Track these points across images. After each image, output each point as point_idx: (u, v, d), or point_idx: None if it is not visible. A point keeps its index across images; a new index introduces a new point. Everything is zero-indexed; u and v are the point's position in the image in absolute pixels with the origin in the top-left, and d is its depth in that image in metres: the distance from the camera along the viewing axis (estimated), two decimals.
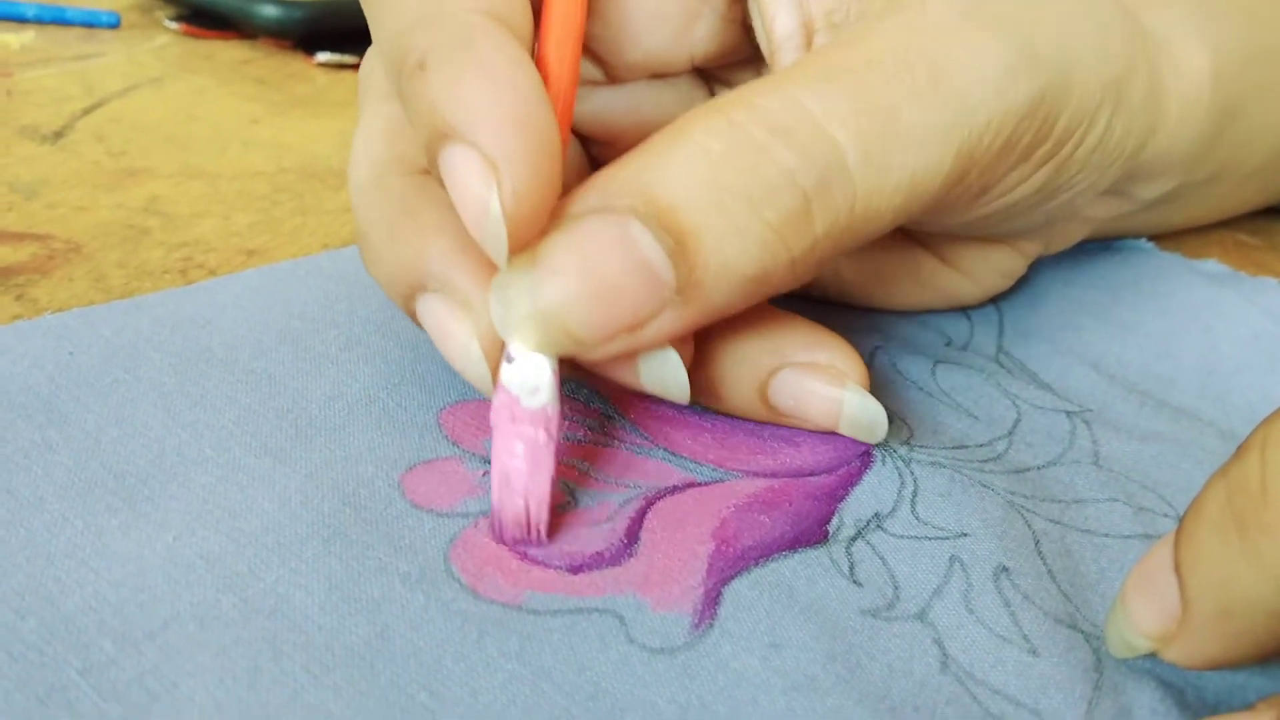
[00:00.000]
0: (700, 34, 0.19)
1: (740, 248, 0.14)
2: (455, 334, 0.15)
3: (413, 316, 0.16)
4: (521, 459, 0.15)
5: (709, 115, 0.14)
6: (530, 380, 0.14)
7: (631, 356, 0.15)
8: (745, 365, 0.17)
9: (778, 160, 0.14)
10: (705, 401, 0.18)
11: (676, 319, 0.14)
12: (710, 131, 0.14)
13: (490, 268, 0.15)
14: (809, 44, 0.17)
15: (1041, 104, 0.16)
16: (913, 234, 0.22)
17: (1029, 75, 0.16)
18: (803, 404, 0.17)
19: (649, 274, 0.14)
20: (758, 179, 0.14)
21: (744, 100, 0.15)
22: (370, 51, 0.19)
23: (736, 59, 0.20)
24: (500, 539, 0.15)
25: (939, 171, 0.15)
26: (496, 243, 0.14)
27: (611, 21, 0.18)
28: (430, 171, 0.16)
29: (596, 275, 0.14)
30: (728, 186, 0.14)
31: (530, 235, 0.14)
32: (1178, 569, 0.12)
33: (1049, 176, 0.18)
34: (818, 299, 0.23)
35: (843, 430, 0.17)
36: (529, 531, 0.15)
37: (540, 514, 0.15)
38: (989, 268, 0.22)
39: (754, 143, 0.14)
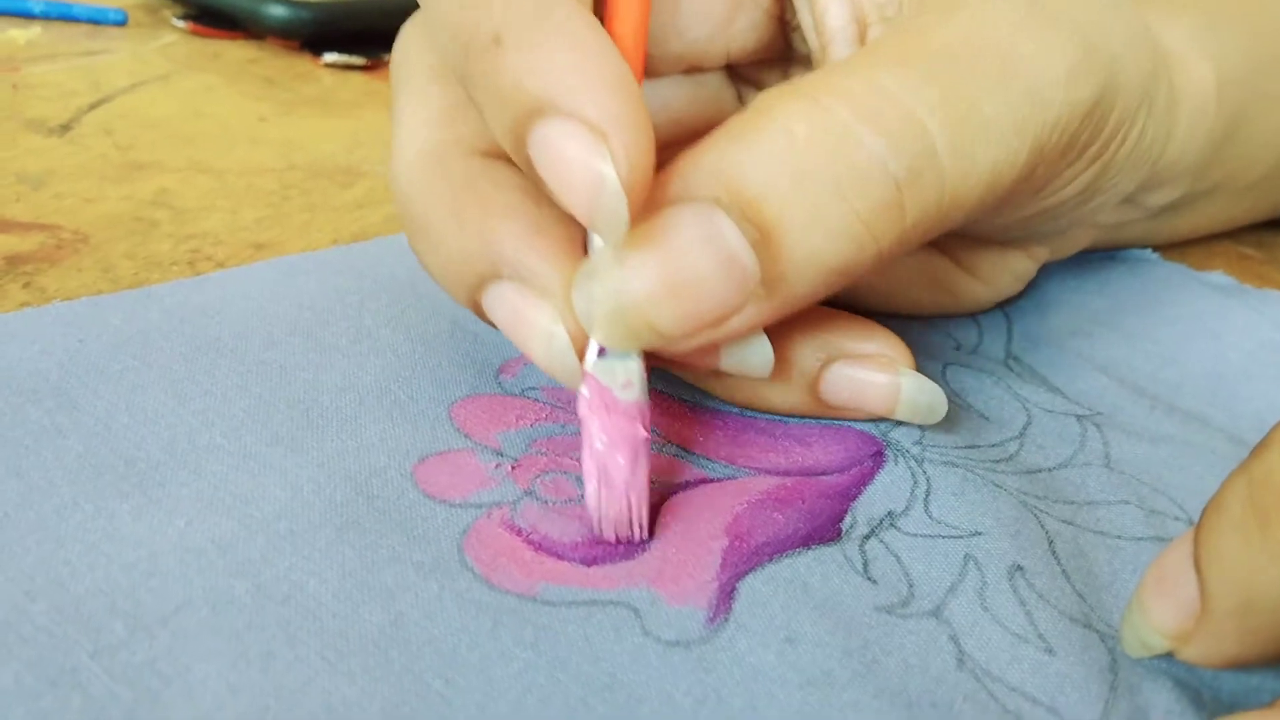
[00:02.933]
0: (740, 28, 0.19)
1: (826, 239, 0.14)
2: (535, 323, 0.15)
3: (476, 309, 0.16)
4: (623, 455, 0.14)
5: (792, 97, 0.14)
6: (622, 374, 0.14)
7: (712, 358, 0.15)
8: (794, 363, 0.17)
9: (867, 145, 0.13)
10: (751, 404, 0.18)
11: (760, 311, 0.14)
12: (794, 114, 0.14)
13: (567, 254, 0.14)
14: (862, 38, 0.17)
15: (1100, 102, 0.16)
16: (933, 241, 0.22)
17: (1092, 72, 0.16)
18: (859, 394, 0.17)
19: (734, 267, 0.13)
20: (846, 166, 0.13)
21: (827, 81, 0.14)
22: (406, 34, 0.18)
23: (770, 57, 0.20)
24: (600, 537, 0.15)
25: (1016, 164, 0.15)
26: (614, 218, 0.13)
27: (656, 11, 0.18)
28: (509, 154, 0.14)
29: (682, 269, 0.13)
30: (814, 174, 0.13)
31: (638, 210, 0.13)
32: (1197, 565, 0.12)
33: (1095, 176, 0.18)
34: (825, 302, 0.23)
35: (901, 415, 0.17)
36: (632, 528, 0.15)
37: (642, 510, 0.15)
38: (1002, 271, 0.22)
39: (842, 125, 0.13)
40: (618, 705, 0.12)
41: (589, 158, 0.12)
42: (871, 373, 0.17)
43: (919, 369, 0.21)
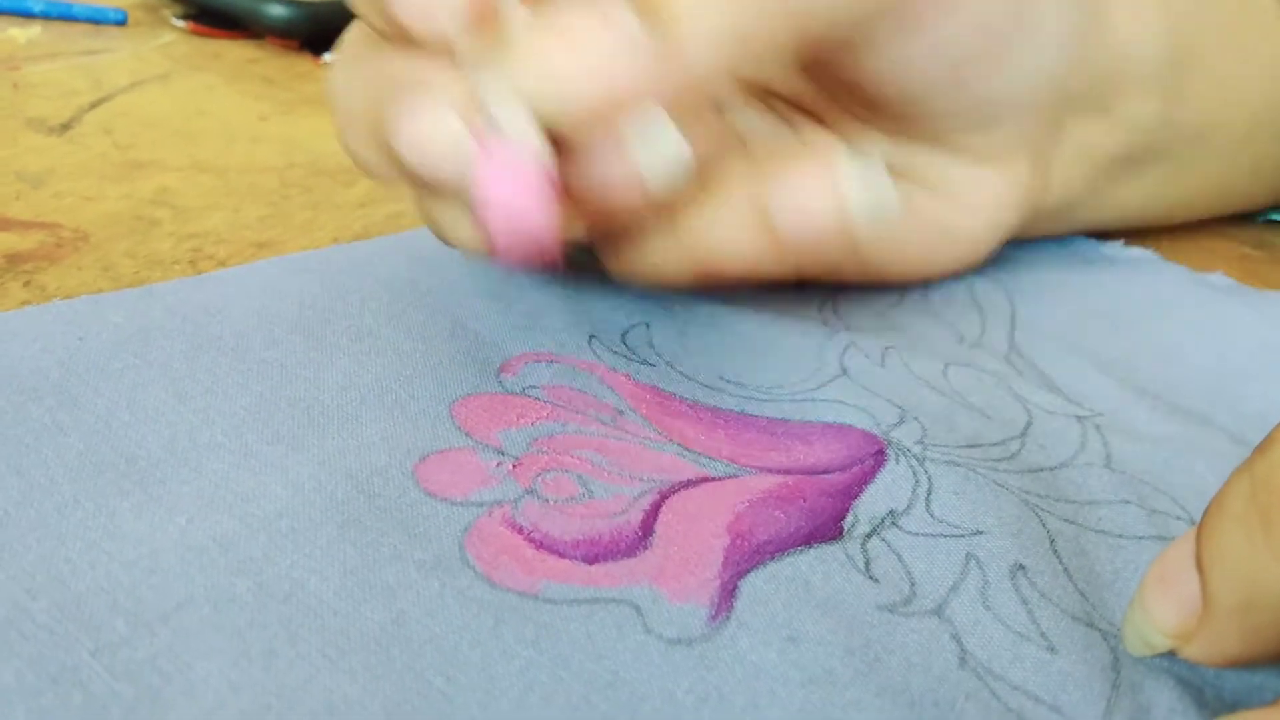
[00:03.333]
0: None
1: (712, 9, 0.14)
2: (431, 118, 0.15)
3: (388, 162, 0.16)
4: (508, 168, 0.14)
5: None
6: (514, 121, 0.14)
7: (625, 157, 0.15)
8: (740, 198, 0.17)
9: None
10: (711, 263, 0.18)
11: (654, 72, 0.14)
12: None
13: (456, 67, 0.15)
14: None
15: None
16: (893, 164, 0.22)
17: None
18: (807, 206, 0.16)
19: (622, 28, 0.14)
20: None
21: None
22: None
23: None
24: (505, 254, 0.15)
25: None
26: (453, 26, 0.14)
27: None
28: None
29: (573, 39, 0.14)
30: None
31: (484, 15, 0.14)
32: (1199, 564, 0.12)
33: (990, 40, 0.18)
34: (834, 285, 0.23)
35: (855, 218, 0.16)
36: (533, 240, 0.15)
37: (538, 216, 0.15)
38: (980, 191, 0.22)
39: None
40: (620, 703, 0.12)
41: None
42: (811, 178, 0.16)
43: (921, 367, 0.21)
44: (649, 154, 0.15)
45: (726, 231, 0.17)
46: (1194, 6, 0.24)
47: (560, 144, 0.15)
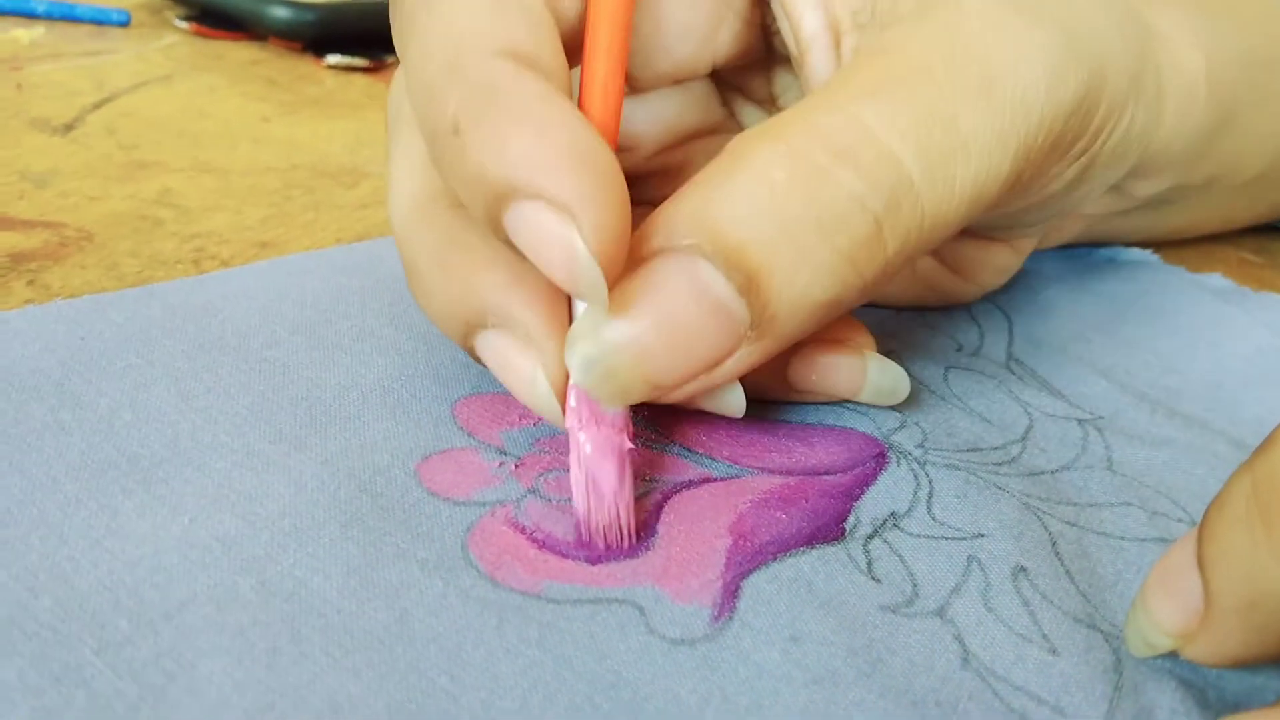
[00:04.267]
0: (723, 39, 0.19)
1: (812, 278, 0.14)
2: (520, 368, 0.15)
3: (471, 353, 0.16)
4: (610, 464, 0.14)
5: (768, 141, 0.14)
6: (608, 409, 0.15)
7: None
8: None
9: (844, 185, 0.14)
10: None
11: (751, 354, 0.14)
12: (772, 160, 0.14)
13: (549, 297, 0.15)
14: (837, 44, 0.17)
15: (1086, 97, 0.16)
16: None
17: (1074, 70, 0.16)
18: (825, 378, 0.17)
19: (723, 315, 0.14)
20: (826, 206, 0.14)
21: (801, 121, 0.14)
22: (398, 81, 0.18)
23: (752, 61, 0.20)
24: (588, 545, 0.15)
25: (999, 176, 0.15)
26: (592, 288, 0.13)
27: (643, 34, 0.18)
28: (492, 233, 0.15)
29: (671, 321, 0.13)
30: (795, 217, 0.14)
31: (618, 272, 0.13)
32: (1201, 564, 0.12)
33: (1082, 169, 0.18)
34: None
35: (865, 398, 0.18)
36: (621, 535, 0.15)
37: (629, 518, 0.15)
38: (986, 266, 0.22)
39: (818, 168, 0.14)
40: (623, 703, 0.12)
41: (560, 232, 0.13)
42: (837, 357, 0.17)
43: (921, 371, 0.21)
44: (712, 404, 0.16)
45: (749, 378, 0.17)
46: (1238, 68, 0.23)
47: None
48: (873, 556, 0.15)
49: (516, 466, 0.16)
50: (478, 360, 0.16)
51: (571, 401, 0.15)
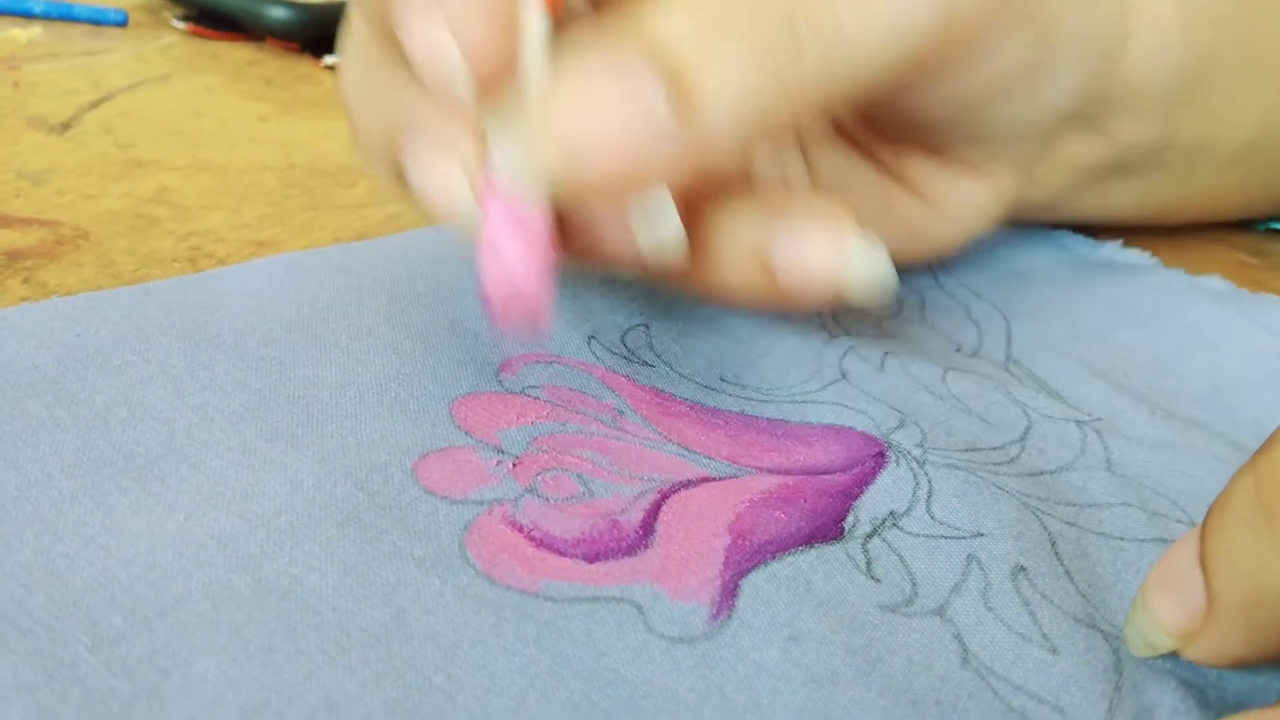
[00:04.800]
0: None
1: (738, 83, 0.14)
2: (440, 172, 0.15)
3: (400, 178, 0.17)
4: (516, 236, 0.15)
5: None
6: (520, 185, 0.15)
7: (625, 226, 0.16)
8: (743, 236, 0.17)
9: None
10: (705, 287, 0.18)
11: (673, 146, 0.14)
12: None
13: (465, 113, 0.16)
14: None
15: None
16: (882, 163, 0.22)
17: None
18: (805, 261, 0.17)
19: (648, 108, 0.14)
20: (752, 16, 0.14)
21: None
22: None
23: None
24: (497, 318, 0.15)
25: (926, 10, 0.16)
26: (462, 87, 0.14)
27: None
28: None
29: (597, 111, 0.14)
30: (723, 25, 0.14)
31: (495, 76, 0.14)
32: (1203, 563, 0.12)
33: (1033, 44, 0.18)
34: None
35: (850, 288, 0.17)
36: (529, 316, 0.15)
37: (538, 296, 0.15)
38: (961, 201, 0.22)
39: None
40: (621, 701, 0.12)
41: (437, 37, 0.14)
42: (818, 238, 0.17)
43: (919, 372, 0.21)
44: (648, 233, 0.16)
45: (732, 274, 0.17)
46: (1214, 24, 0.24)
47: (561, 206, 0.15)
48: (872, 556, 0.15)
49: (514, 465, 0.16)
50: (407, 191, 0.17)
51: (484, 181, 0.15)
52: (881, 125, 0.22)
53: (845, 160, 0.23)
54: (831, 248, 0.17)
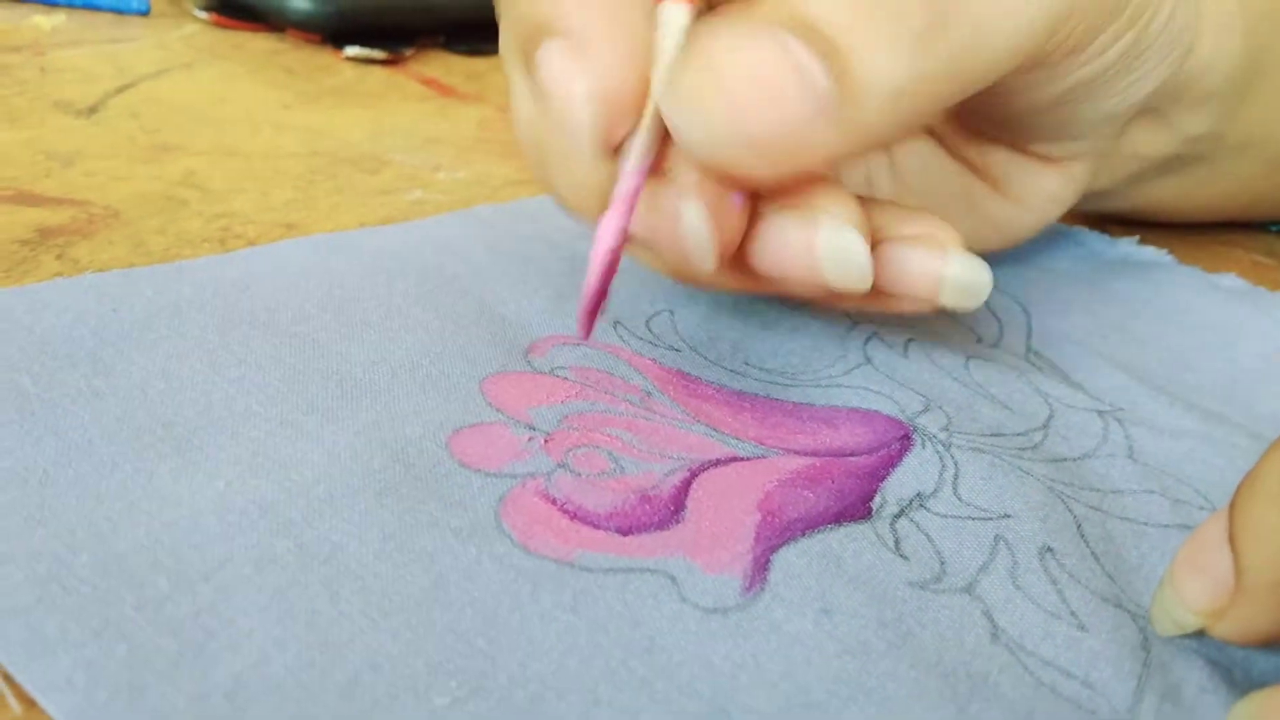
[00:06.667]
0: None
1: (895, 68, 0.14)
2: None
3: (531, 76, 0.16)
4: (598, 252, 0.16)
5: None
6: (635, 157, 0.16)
7: (812, 257, 0.16)
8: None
9: None
10: (762, 291, 0.18)
11: (834, 133, 0.14)
12: None
13: (612, 9, 0.15)
14: None
15: None
16: (965, 159, 0.22)
17: None
18: (905, 273, 0.17)
19: (807, 79, 0.14)
20: (902, 1, 0.14)
21: None
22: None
23: None
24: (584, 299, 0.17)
25: (1049, 6, 0.16)
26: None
27: None
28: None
29: (757, 81, 0.14)
30: (874, 8, 0.14)
31: (627, 106, 0.15)
32: (1232, 541, 0.12)
33: (1129, 46, 0.19)
34: None
35: (946, 299, 0.17)
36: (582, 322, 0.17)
37: (587, 305, 0.16)
38: (1039, 191, 0.23)
39: None
40: (657, 668, 0.12)
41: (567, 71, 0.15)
42: (918, 253, 0.17)
43: (941, 359, 0.21)
44: (832, 260, 0.16)
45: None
46: (1269, 24, 0.24)
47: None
48: (900, 535, 0.15)
49: (546, 441, 0.16)
50: (533, 87, 0.16)
51: (621, 186, 0.16)
52: (972, 121, 0.22)
53: (930, 155, 0.24)
54: (932, 263, 0.17)
